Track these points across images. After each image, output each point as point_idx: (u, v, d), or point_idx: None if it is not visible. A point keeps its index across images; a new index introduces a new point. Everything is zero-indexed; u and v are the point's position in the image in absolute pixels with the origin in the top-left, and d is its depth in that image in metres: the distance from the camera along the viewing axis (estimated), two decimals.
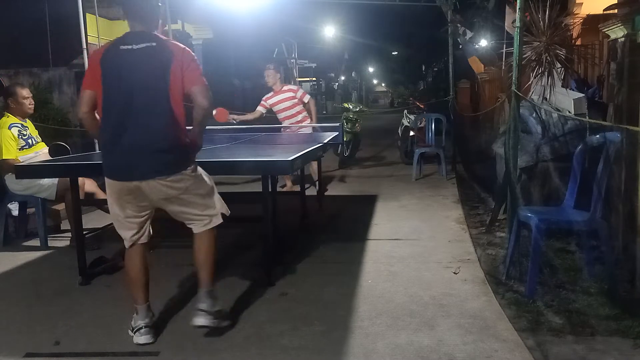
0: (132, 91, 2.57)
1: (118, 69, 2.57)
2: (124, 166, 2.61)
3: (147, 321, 2.77)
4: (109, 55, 2.61)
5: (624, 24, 3.45)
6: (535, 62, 4.32)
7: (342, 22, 25.48)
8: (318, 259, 4.10)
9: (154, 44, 2.60)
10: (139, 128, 2.58)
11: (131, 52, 2.58)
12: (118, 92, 2.57)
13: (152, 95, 2.58)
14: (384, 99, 50.50)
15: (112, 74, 2.58)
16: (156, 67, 2.58)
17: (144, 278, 2.80)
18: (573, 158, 3.49)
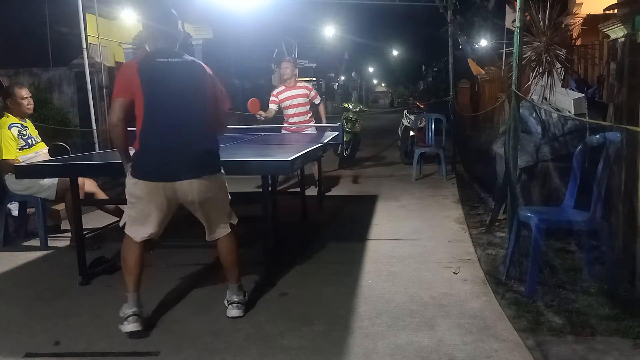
0: (176, 99, 2.81)
1: (159, 78, 2.79)
2: (167, 167, 2.81)
3: (135, 310, 2.85)
4: (147, 66, 2.80)
5: (624, 24, 3.45)
6: (535, 62, 4.32)
7: (342, 22, 25.49)
8: (318, 259, 4.10)
9: (187, 59, 2.90)
10: (183, 132, 2.81)
11: (168, 65, 2.82)
12: (162, 99, 2.79)
13: (193, 103, 2.85)
14: (384, 99, 50.48)
15: (154, 83, 2.78)
16: (194, 79, 2.87)
17: (140, 269, 2.93)
18: (573, 158, 3.49)
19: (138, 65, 2.78)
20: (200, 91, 2.87)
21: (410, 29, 21.86)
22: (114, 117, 2.78)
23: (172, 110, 2.79)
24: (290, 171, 3.53)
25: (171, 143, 2.80)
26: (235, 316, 3.02)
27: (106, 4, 10.16)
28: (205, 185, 2.86)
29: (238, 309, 3.04)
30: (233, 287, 3.09)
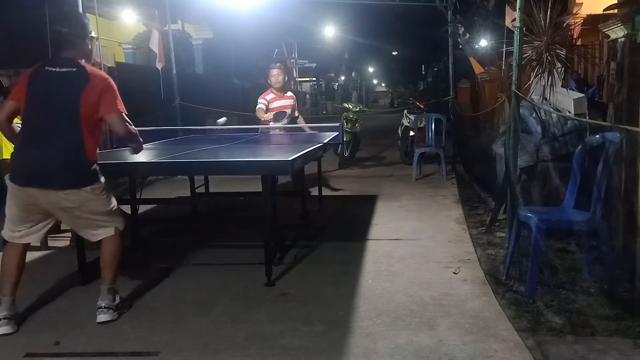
0: (47, 109, 2.86)
1: (39, 88, 2.87)
2: (28, 174, 2.86)
3: (6, 313, 2.88)
4: (35, 73, 2.90)
5: (624, 24, 3.44)
6: (535, 62, 4.32)
7: (342, 22, 25.49)
8: (318, 259, 4.10)
9: (73, 69, 2.89)
10: (47, 143, 2.85)
11: (53, 74, 2.88)
12: (35, 108, 2.86)
13: (63, 115, 2.86)
14: (384, 99, 50.43)
15: (34, 91, 2.87)
16: (70, 90, 2.87)
17: (18, 274, 2.96)
18: (573, 158, 3.49)
19: (29, 72, 2.88)
20: (73, 103, 2.84)
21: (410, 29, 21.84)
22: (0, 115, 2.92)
23: (42, 120, 2.85)
24: (290, 171, 3.53)
25: (35, 153, 2.85)
26: (102, 321, 2.97)
27: (106, 4, 10.16)
28: (63, 197, 2.85)
29: (104, 314, 2.99)
30: (102, 289, 3.05)
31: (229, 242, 4.67)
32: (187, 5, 11.56)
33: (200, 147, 4.54)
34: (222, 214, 5.73)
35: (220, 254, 4.27)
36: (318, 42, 26.88)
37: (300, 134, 6.08)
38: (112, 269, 3.08)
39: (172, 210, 5.81)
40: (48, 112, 2.86)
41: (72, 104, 2.84)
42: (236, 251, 4.36)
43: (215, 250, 4.39)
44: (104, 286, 3.06)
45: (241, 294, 3.39)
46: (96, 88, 2.89)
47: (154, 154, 4.36)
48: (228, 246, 4.54)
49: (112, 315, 3.01)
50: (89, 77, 2.89)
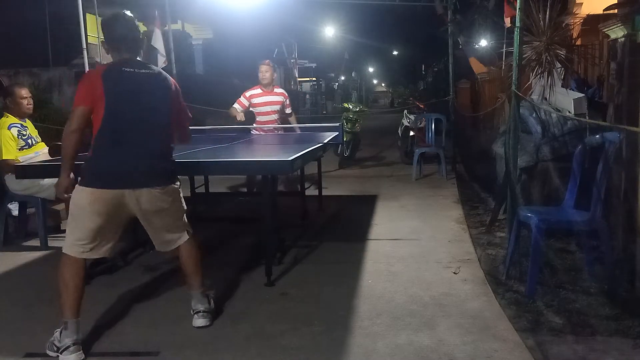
0: (138, 109, 2.75)
1: (124, 88, 2.73)
2: (119, 175, 2.69)
3: (76, 338, 2.64)
4: (112, 74, 2.72)
5: (624, 24, 3.45)
6: (535, 62, 4.32)
7: (342, 22, 25.49)
8: (318, 259, 4.10)
9: (155, 72, 2.86)
10: (141, 142, 2.75)
11: (135, 75, 2.76)
12: (124, 108, 2.72)
13: (155, 115, 2.81)
14: (384, 99, 50.41)
15: (118, 92, 2.70)
16: (160, 91, 2.84)
17: (82, 292, 2.71)
18: (573, 158, 3.49)
19: (103, 73, 2.71)
20: (164, 104, 2.83)
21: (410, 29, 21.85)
22: (73, 125, 2.64)
23: (132, 120, 2.72)
24: (291, 171, 3.53)
25: (127, 152, 2.71)
26: (200, 325, 2.90)
27: (106, 4, 10.15)
28: (157, 196, 2.76)
29: (203, 318, 2.92)
30: (197, 295, 2.97)
31: (229, 242, 4.67)
32: (187, 5, 11.56)
33: (200, 147, 4.53)
34: (222, 214, 5.73)
35: (220, 254, 4.27)
36: (318, 42, 26.89)
37: (292, 133, 6.06)
38: (199, 273, 2.98)
39: None
40: (140, 112, 2.74)
41: (164, 103, 2.83)
42: (236, 251, 4.36)
43: (215, 250, 4.39)
44: (196, 291, 2.97)
45: (241, 294, 3.40)
46: (177, 94, 2.93)
47: None
48: (228, 246, 4.54)
49: (209, 320, 2.93)
50: (172, 82, 2.90)
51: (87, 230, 2.69)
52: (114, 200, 2.69)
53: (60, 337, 2.63)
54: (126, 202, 2.71)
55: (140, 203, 2.73)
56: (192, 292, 2.98)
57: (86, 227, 2.69)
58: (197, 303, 2.95)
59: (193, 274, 2.98)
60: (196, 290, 2.97)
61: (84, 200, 2.67)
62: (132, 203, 2.72)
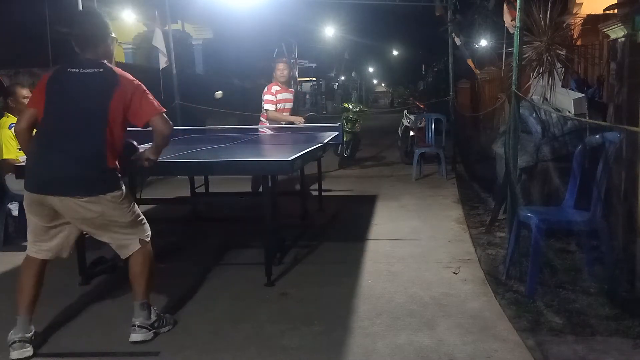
0: (70, 110, 2.67)
1: (61, 88, 2.70)
2: (45, 180, 2.63)
3: (21, 335, 2.66)
4: (56, 76, 2.72)
5: (624, 24, 3.45)
6: (535, 62, 4.32)
7: (342, 22, 25.45)
8: (318, 259, 4.10)
9: (101, 70, 2.72)
10: (67, 146, 2.64)
11: (77, 75, 2.70)
12: (56, 109, 2.68)
13: (87, 118, 2.67)
14: (384, 99, 50.38)
15: (55, 93, 2.69)
16: (98, 92, 2.69)
17: (37, 292, 2.76)
18: (573, 158, 3.49)
19: (50, 76, 2.72)
20: (100, 106, 2.66)
21: (410, 29, 21.85)
22: (21, 124, 2.72)
23: (62, 123, 2.65)
24: (291, 171, 3.53)
25: (54, 157, 2.63)
26: (134, 341, 2.73)
27: (106, 4, 10.14)
28: (81, 205, 2.61)
29: (137, 333, 2.75)
30: (135, 305, 2.80)
31: (229, 242, 4.67)
32: (187, 5, 11.57)
33: (200, 147, 4.53)
34: (222, 214, 5.73)
35: (220, 254, 4.27)
36: (318, 42, 26.86)
37: (300, 133, 6.06)
38: (142, 283, 2.81)
39: (172, 210, 5.81)
40: (71, 114, 2.65)
41: (101, 105, 2.66)
42: (236, 251, 4.36)
43: (215, 250, 4.39)
44: (136, 302, 2.81)
45: (241, 294, 3.40)
46: (128, 91, 2.71)
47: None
48: (228, 246, 4.54)
49: (145, 335, 2.76)
50: (119, 79, 2.71)
51: (32, 230, 2.74)
52: (45, 204, 2.64)
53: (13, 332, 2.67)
54: (55, 207, 2.64)
55: (66, 211, 2.65)
56: (133, 302, 2.83)
57: (31, 226, 2.74)
58: (134, 316, 2.79)
59: (135, 282, 2.82)
60: (136, 300, 2.81)
61: (25, 200, 2.71)
62: (60, 209, 2.65)
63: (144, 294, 2.82)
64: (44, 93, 2.69)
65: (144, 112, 2.75)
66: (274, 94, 5.84)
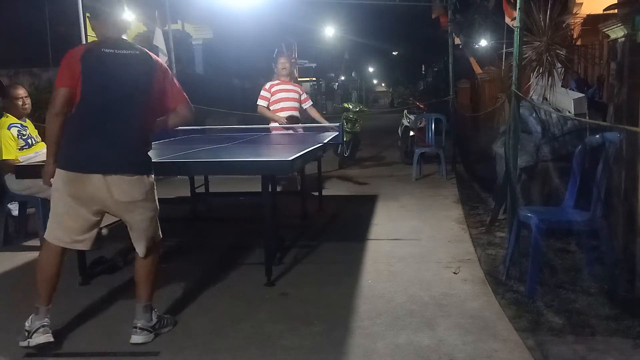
0: (113, 93, 2.65)
1: (101, 70, 2.64)
2: (93, 158, 2.62)
3: (46, 321, 2.69)
4: (91, 55, 2.64)
5: (624, 24, 3.45)
6: (535, 62, 4.32)
7: (342, 22, 25.48)
8: (318, 259, 4.10)
9: (137, 52, 2.73)
10: (113, 129, 2.64)
11: (115, 56, 2.66)
12: (98, 92, 2.63)
13: (131, 101, 2.68)
14: (384, 99, 50.42)
15: (94, 74, 2.62)
16: (139, 75, 2.70)
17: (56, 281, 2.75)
18: (573, 158, 3.49)
19: (82, 54, 2.62)
20: (143, 86, 2.69)
21: (410, 29, 21.86)
22: (56, 107, 2.60)
23: (106, 104, 2.63)
24: (291, 171, 3.53)
25: (99, 136, 2.62)
26: (135, 343, 2.70)
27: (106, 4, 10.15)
28: (129, 183, 2.63)
29: (138, 335, 2.72)
30: (138, 307, 2.77)
31: (229, 242, 4.67)
32: (187, 5, 11.56)
33: (200, 147, 4.53)
34: (222, 214, 5.73)
35: (220, 254, 4.27)
36: (318, 42, 26.87)
37: (301, 133, 6.06)
38: (148, 286, 2.80)
39: (172, 210, 5.81)
40: (114, 96, 2.63)
41: (144, 89, 2.68)
42: (236, 251, 4.36)
43: (215, 250, 4.39)
44: (139, 304, 2.77)
45: (241, 294, 3.40)
46: (163, 75, 2.77)
47: (154, 154, 4.36)
48: (228, 246, 4.54)
49: (147, 337, 2.73)
50: (155, 63, 2.74)
51: (63, 216, 2.68)
52: (85, 185, 2.61)
53: (31, 321, 2.67)
54: (98, 187, 2.61)
55: (112, 191, 2.62)
56: (136, 304, 2.80)
57: (62, 211, 2.68)
58: (137, 318, 2.77)
59: (141, 285, 2.80)
60: (140, 302, 2.79)
61: (58, 182, 2.66)
62: (103, 190, 2.62)
63: (149, 297, 2.82)
64: (78, 72, 2.59)
65: (175, 97, 2.83)
66: (269, 89, 5.89)
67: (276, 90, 5.89)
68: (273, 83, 5.96)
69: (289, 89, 5.93)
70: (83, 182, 2.62)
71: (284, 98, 5.89)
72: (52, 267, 2.72)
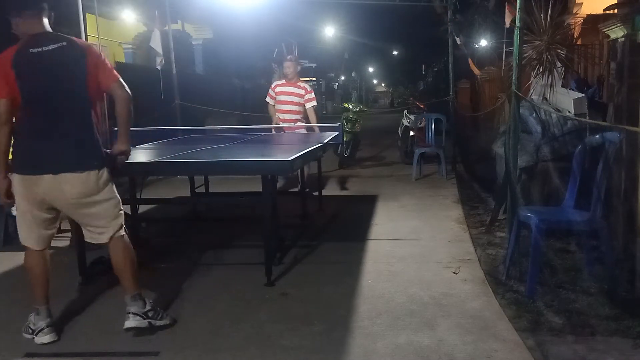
0: (53, 91, 2.65)
1: (34, 72, 2.63)
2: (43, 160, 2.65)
3: (49, 321, 2.78)
4: (21, 60, 2.62)
5: (624, 24, 3.45)
6: (535, 62, 4.32)
7: (342, 22, 25.48)
8: (318, 259, 4.10)
9: (64, 43, 2.68)
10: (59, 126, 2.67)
11: (43, 55, 2.63)
12: (36, 95, 2.64)
13: (71, 98, 2.68)
14: (384, 99, 50.43)
15: (29, 77, 2.62)
16: (72, 66, 2.67)
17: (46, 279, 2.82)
18: (573, 158, 3.49)
19: (12, 60, 2.60)
20: (79, 79, 2.66)
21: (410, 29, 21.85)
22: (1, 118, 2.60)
23: (48, 103, 2.64)
24: (291, 171, 3.53)
25: (45, 137, 2.65)
26: (130, 327, 2.75)
27: (106, 4, 10.16)
28: (82, 180, 2.67)
29: (130, 320, 2.75)
30: (127, 298, 2.81)
31: (229, 242, 4.67)
32: (187, 5, 11.56)
33: (200, 147, 4.53)
34: (222, 214, 5.73)
35: (220, 254, 4.27)
36: (318, 42, 26.88)
37: (301, 133, 6.07)
38: (128, 275, 2.82)
39: (172, 210, 5.81)
40: (54, 96, 2.64)
41: (79, 79, 2.66)
42: (236, 251, 4.36)
43: (215, 250, 4.39)
44: (128, 295, 2.81)
45: (241, 294, 3.39)
46: (95, 60, 2.71)
47: (154, 154, 4.37)
48: (228, 246, 4.54)
49: (139, 322, 2.75)
50: (84, 49, 2.71)
51: (25, 218, 2.76)
52: (39, 186, 2.65)
53: (34, 320, 2.78)
54: (51, 187, 2.66)
55: (64, 190, 2.66)
56: (125, 296, 2.84)
57: (24, 214, 2.75)
58: (128, 305, 2.80)
59: (121, 276, 2.84)
60: (127, 294, 2.82)
61: (16, 186, 2.71)
62: (56, 189, 2.66)
63: (134, 286, 2.84)
64: (13, 80, 2.59)
65: (108, 78, 2.74)
66: (273, 88, 6.25)
67: (279, 91, 6.20)
68: (278, 83, 6.30)
69: (291, 91, 6.17)
70: (36, 184, 2.66)
71: (284, 101, 6.17)
72: (37, 267, 2.80)
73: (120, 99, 2.76)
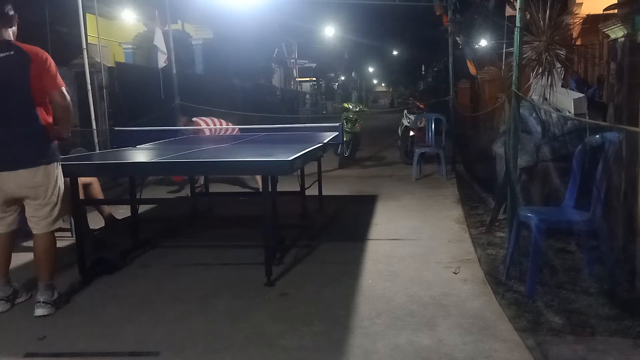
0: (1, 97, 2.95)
1: None
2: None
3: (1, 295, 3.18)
4: None
5: (624, 24, 3.45)
6: (535, 62, 4.32)
7: (342, 22, 25.50)
8: (318, 259, 4.10)
9: (12, 53, 2.95)
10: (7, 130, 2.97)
11: None
12: None
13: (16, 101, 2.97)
14: (384, 99, 50.48)
15: None
16: (17, 75, 2.95)
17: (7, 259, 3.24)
18: (573, 158, 3.49)
19: None
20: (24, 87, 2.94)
21: (410, 29, 21.87)
22: None
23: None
24: (291, 171, 3.53)
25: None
26: (39, 315, 3.06)
27: (106, 4, 10.17)
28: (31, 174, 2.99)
29: (42, 308, 3.08)
30: (41, 286, 3.14)
31: (229, 242, 4.67)
32: (187, 5, 11.56)
33: (200, 147, 4.53)
34: (222, 214, 5.73)
35: (220, 254, 4.27)
36: (318, 42, 26.90)
37: (299, 133, 6.06)
38: (48, 266, 3.16)
39: (172, 210, 5.81)
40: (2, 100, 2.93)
41: (23, 86, 2.93)
42: (236, 251, 4.36)
43: (215, 250, 4.39)
44: (42, 283, 3.14)
45: (241, 294, 3.39)
46: (40, 65, 2.96)
47: (154, 154, 4.37)
48: (228, 246, 4.54)
49: (49, 310, 3.09)
50: (29, 55, 2.95)
51: None
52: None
53: None
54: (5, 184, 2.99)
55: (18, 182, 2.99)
56: (39, 283, 3.15)
57: None
58: (39, 294, 3.11)
59: (41, 265, 3.16)
60: (41, 281, 3.14)
61: None
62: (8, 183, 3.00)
63: (50, 276, 3.18)
64: None
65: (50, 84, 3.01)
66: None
67: None
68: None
69: None
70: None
71: None
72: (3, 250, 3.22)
73: (58, 107, 3.08)
